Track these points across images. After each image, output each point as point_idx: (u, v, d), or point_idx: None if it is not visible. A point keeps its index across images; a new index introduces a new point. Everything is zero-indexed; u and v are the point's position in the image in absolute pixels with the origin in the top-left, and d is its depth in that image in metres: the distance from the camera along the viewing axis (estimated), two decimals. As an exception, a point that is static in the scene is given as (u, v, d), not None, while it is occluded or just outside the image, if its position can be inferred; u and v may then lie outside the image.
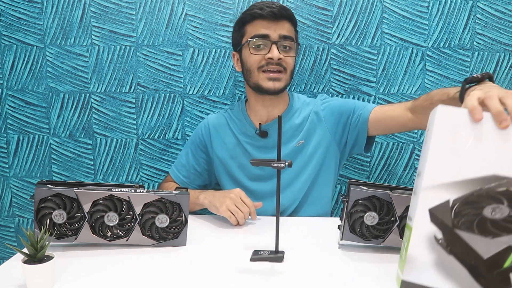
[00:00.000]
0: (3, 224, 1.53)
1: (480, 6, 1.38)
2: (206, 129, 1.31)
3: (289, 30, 1.16)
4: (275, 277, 0.79)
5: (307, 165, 1.21)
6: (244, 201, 1.09)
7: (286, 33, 1.15)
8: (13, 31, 1.41)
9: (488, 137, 0.60)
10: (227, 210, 1.08)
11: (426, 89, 1.43)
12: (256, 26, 1.15)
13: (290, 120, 1.23)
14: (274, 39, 1.14)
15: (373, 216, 0.89)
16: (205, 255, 0.90)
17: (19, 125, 1.47)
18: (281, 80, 1.16)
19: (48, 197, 0.88)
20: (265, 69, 1.15)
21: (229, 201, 1.08)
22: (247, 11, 1.17)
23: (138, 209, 0.91)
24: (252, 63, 1.17)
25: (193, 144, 1.33)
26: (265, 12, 1.13)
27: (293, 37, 1.18)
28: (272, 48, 1.14)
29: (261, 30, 1.14)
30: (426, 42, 1.40)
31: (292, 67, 1.19)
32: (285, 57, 1.15)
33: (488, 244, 0.60)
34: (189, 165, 1.32)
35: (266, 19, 1.14)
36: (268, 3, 1.15)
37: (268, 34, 1.14)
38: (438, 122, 0.62)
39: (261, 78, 1.16)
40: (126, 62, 1.42)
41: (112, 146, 1.47)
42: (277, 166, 0.84)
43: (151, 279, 0.78)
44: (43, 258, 0.74)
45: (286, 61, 1.16)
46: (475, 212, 0.61)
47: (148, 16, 1.40)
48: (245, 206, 1.08)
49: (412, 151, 1.46)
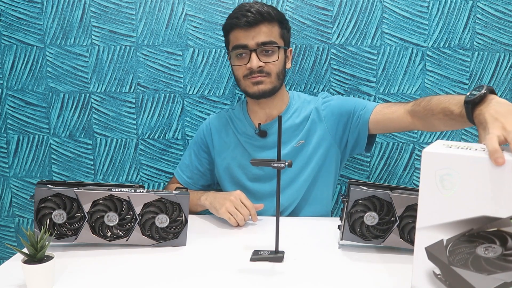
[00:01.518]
0: (3, 224, 1.53)
1: (480, 6, 1.38)
2: (208, 129, 1.31)
3: (268, 34, 1.14)
4: (275, 277, 0.79)
5: (307, 165, 1.21)
6: (244, 203, 1.09)
7: (264, 39, 1.13)
8: (13, 31, 1.41)
9: (478, 178, 0.59)
10: (226, 212, 1.08)
11: (426, 89, 1.43)
12: (235, 35, 1.16)
13: (289, 120, 1.23)
14: (252, 47, 1.13)
15: (373, 216, 0.89)
16: (205, 255, 0.90)
17: (19, 125, 1.47)
18: (264, 83, 1.16)
19: (48, 197, 0.88)
20: (249, 77, 1.16)
21: (229, 203, 1.08)
22: (228, 19, 1.18)
23: (138, 209, 0.91)
24: (237, 73, 1.19)
25: (196, 145, 1.33)
26: (241, 22, 1.12)
27: (274, 40, 1.15)
28: (251, 57, 1.14)
29: (240, 40, 1.14)
30: (426, 42, 1.40)
31: (277, 70, 1.17)
32: (267, 63, 1.15)
33: (484, 279, 0.61)
34: (192, 165, 1.32)
35: (243, 28, 1.13)
36: (247, 7, 1.13)
37: (245, 44, 1.14)
38: (425, 167, 0.62)
39: (247, 85, 1.17)
40: (126, 62, 1.42)
41: (112, 146, 1.47)
42: (277, 166, 0.84)
43: (151, 279, 0.78)
44: (43, 258, 0.74)
45: (269, 66, 1.15)
46: (468, 250, 0.61)
47: (148, 16, 1.40)
48: (245, 208, 1.08)
49: (412, 151, 1.46)
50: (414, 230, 0.89)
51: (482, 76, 1.42)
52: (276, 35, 1.16)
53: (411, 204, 0.88)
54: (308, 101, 1.26)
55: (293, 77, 1.42)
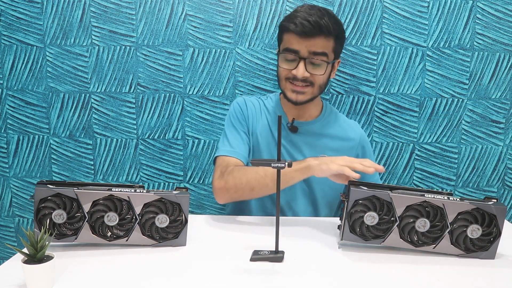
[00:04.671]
0: (3, 224, 1.53)
1: (480, 6, 1.38)
2: (243, 104, 1.26)
3: (322, 46, 1.12)
4: (275, 277, 0.79)
5: None
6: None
7: (317, 50, 1.11)
8: (13, 31, 1.41)
9: None
10: (339, 164, 0.98)
11: (426, 89, 1.43)
12: (289, 38, 1.14)
13: (322, 128, 1.24)
14: (303, 56, 1.12)
15: (373, 216, 0.89)
16: (205, 255, 0.90)
17: (19, 125, 1.47)
18: (305, 94, 1.16)
19: (48, 197, 0.88)
20: (291, 81, 1.15)
21: (340, 160, 1.00)
22: (285, 21, 1.15)
23: (138, 209, 0.91)
24: (281, 74, 1.18)
25: (236, 120, 1.25)
26: (298, 30, 1.10)
27: (327, 52, 1.13)
28: (299, 65, 1.12)
29: (293, 44, 1.13)
30: (426, 42, 1.40)
31: (321, 82, 1.16)
32: (313, 75, 1.13)
33: None
34: (243, 141, 1.23)
35: (298, 34, 1.11)
36: (307, 14, 1.11)
37: (298, 50, 1.12)
38: None
39: (287, 88, 1.17)
40: (126, 62, 1.42)
41: (112, 146, 1.47)
42: (277, 166, 0.84)
43: (151, 279, 0.78)
44: (43, 258, 0.74)
45: (314, 77, 1.14)
46: None
47: (148, 16, 1.40)
48: (365, 161, 1.00)
49: (412, 151, 1.46)
50: (414, 230, 0.89)
51: (482, 76, 1.42)
52: (329, 49, 1.14)
53: (411, 204, 0.88)
54: (350, 126, 1.28)
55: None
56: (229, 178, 1.09)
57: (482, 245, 0.89)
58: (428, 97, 1.43)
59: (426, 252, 0.91)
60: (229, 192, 1.10)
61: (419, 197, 0.88)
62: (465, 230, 0.88)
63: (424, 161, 1.47)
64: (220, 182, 1.11)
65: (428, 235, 0.89)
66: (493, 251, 0.89)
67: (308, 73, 1.13)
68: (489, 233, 0.88)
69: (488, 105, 1.44)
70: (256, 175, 1.07)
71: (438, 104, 1.44)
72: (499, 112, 1.45)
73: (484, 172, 1.48)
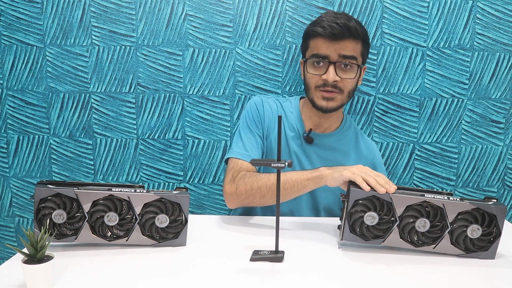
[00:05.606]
0: (3, 224, 1.53)
1: (480, 6, 1.38)
2: (261, 105, 1.23)
3: (352, 49, 1.12)
4: (275, 277, 0.79)
5: None
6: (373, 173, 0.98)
7: (347, 53, 1.11)
8: (13, 31, 1.41)
9: None
10: (352, 172, 0.96)
11: (426, 89, 1.43)
12: (318, 44, 1.13)
13: (338, 143, 1.23)
14: (333, 60, 1.11)
15: (373, 216, 0.89)
16: (205, 255, 0.90)
17: (19, 125, 1.47)
18: (335, 100, 1.14)
19: (48, 197, 0.88)
20: (321, 88, 1.14)
21: (354, 169, 0.98)
22: (312, 26, 1.14)
23: (138, 209, 0.91)
24: (310, 81, 1.16)
25: (252, 122, 1.22)
26: (327, 32, 1.09)
27: (356, 56, 1.13)
28: (329, 69, 1.11)
29: (321, 50, 1.12)
30: (426, 42, 1.40)
31: (350, 88, 1.15)
32: (343, 79, 1.12)
33: None
34: (257, 145, 1.21)
35: (328, 38, 1.11)
36: (334, 17, 1.11)
37: (327, 54, 1.11)
38: None
39: (317, 96, 1.15)
40: (126, 62, 1.42)
41: (112, 146, 1.47)
42: (277, 166, 0.84)
43: (151, 279, 0.78)
44: (43, 258, 0.74)
45: (344, 83, 1.13)
46: None
47: (148, 16, 1.40)
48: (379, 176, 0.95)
49: (412, 151, 1.46)
50: (414, 230, 0.89)
51: (482, 76, 1.42)
52: (358, 52, 1.14)
53: (411, 204, 0.88)
54: (366, 143, 1.27)
55: (293, 77, 1.42)
56: (240, 183, 1.08)
57: (482, 245, 0.89)
58: (428, 97, 1.43)
59: (426, 252, 0.91)
60: (239, 198, 1.09)
61: (419, 197, 0.88)
62: (465, 230, 0.88)
63: (424, 161, 1.47)
64: (231, 187, 1.09)
65: (428, 235, 0.89)
66: (493, 251, 0.89)
67: (339, 77, 1.11)
68: (489, 233, 0.88)
69: (488, 105, 1.44)
70: (267, 182, 1.05)
71: (438, 104, 1.44)
72: (499, 112, 1.45)
73: (484, 172, 1.48)
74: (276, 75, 1.42)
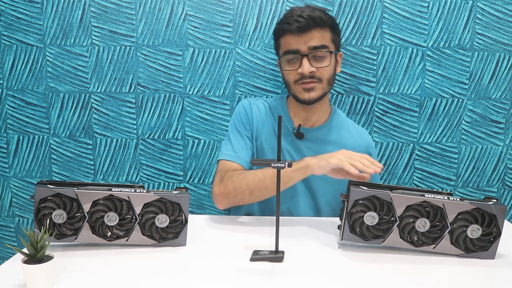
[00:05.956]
0: (3, 224, 1.53)
1: (480, 6, 1.38)
2: (249, 108, 1.25)
3: (320, 38, 1.12)
4: (275, 277, 0.79)
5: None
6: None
7: (316, 43, 1.12)
8: (13, 31, 1.41)
9: None
10: (338, 159, 1.00)
11: (426, 89, 1.43)
12: (287, 40, 1.14)
13: (328, 135, 1.23)
14: (304, 52, 1.12)
15: (373, 216, 0.89)
16: (205, 255, 0.90)
17: (19, 125, 1.47)
18: (315, 89, 1.15)
19: (48, 197, 0.88)
20: (300, 82, 1.15)
21: (340, 154, 1.02)
22: (279, 24, 1.16)
23: (138, 209, 0.91)
24: (288, 78, 1.17)
25: (240, 124, 1.24)
26: (293, 27, 1.11)
27: (326, 44, 1.14)
28: (303, 62, 1.12)
29: (292, 45, 1.13)
30: (426, 42, 1.40)
31: (328, 75, 1.16)
32: (318, 68, 1.13)
33: None
34: (246, 146, 1.22)
35: (294, 33, 1.12)
36: (298, 11, 1.12)
37: (297, 48, 1.12)
38: None
39: (298, 90, 1.16)
40: (126, 62, 1.42)
41: (112, 146, 1.47)
42: (277, 166, 0.84)
43: (151, 279, 0.78)
44: (43, 258, 0.74)
45: (320, 72, 1.14)
46: None
47: (148, 16, 1.40)
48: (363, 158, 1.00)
49: (412, 151, 1.46)
50: (414, 230, 0.89)
51: (482, 76, 1.42)
52: (328, 40, 1.15)
53: (411, 204, 0.88)
54: (357, 131, 1.27)
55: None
56: (228, 182, 1.09)
57: (482, 245, 0.89)
58: (428, 97, 1.43)
59: (426, 252, 0.91)
60: (228, 197, 1.09)
61: (419, 197, 0.88)
62: (465, 230, 0.88)
63: (424, 161, 1.47)
64: (219, 188, 1.10)
65: (428, 235, 0.89)
66: (493, 251, 0.89)
67: (314, 68, 1.13)
68: (489, 233, 0.88)
69: (488, 105, 1.44)
70: (254, 178, 1.06)
71: (438, 104, 1.44)
72: (499, 112, 1.45)
73: (484, 172, 1.48)
74: (276, 75, 1.42)
